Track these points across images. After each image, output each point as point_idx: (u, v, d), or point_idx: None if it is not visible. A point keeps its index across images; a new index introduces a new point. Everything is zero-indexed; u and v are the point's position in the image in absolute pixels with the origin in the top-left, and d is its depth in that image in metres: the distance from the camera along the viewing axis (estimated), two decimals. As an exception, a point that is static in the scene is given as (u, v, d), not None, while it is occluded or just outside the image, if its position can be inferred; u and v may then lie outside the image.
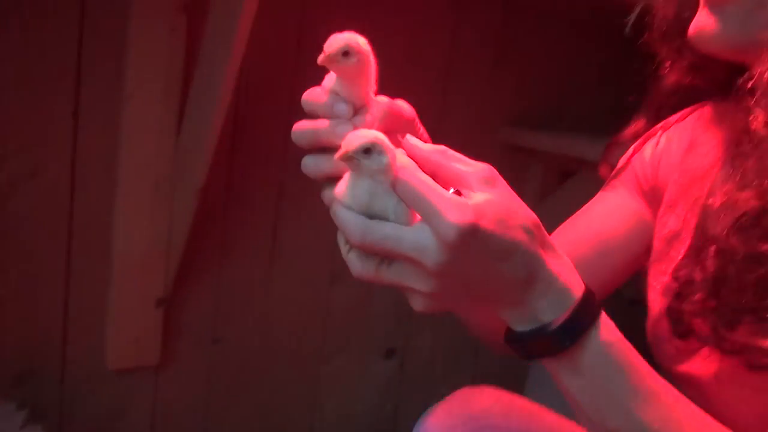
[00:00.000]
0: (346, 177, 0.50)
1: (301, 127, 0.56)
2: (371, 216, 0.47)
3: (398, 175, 0.47)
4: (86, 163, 1.17)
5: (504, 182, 0.49)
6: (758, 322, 0.52)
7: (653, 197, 0.79)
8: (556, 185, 1.62)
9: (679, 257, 0.67)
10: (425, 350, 1.68)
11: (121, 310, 1.23)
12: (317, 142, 0.55)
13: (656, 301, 0.68)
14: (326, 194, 0.56)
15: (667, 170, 0.77)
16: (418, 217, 0.47)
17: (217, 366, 1.39)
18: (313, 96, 0.57)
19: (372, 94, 0.57)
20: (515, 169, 1.59)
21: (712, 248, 0.56)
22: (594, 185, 1.50)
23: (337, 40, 0.54)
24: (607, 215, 0.81)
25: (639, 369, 0.51)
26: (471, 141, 1.60)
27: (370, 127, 0.54)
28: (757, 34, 0.55)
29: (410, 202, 0.47)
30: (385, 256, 0.48)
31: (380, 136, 0.48)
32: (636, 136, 0.83)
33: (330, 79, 0.56)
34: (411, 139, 0.52)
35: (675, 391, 0.53)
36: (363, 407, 1.62)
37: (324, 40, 0.55)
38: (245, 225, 1.36)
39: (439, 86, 1.51)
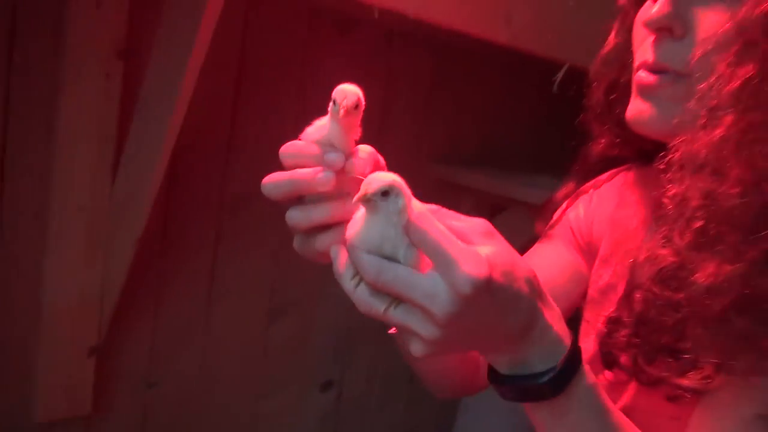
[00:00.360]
0: (358, 218, 0.50)
1: (275, 179, 0.57)
2: (381, 257, 0.48)
3: (415, 222, 0.47)
4: (14, 213, 1.12)
5: (500, 235, 0.50)
6: (673, 360, 0.59)
7: (588, 251, 0.86)
8: (487, 220, 1.68)
9: (612, 307, 0.73)
10: (361, 381, 1.70)
11: (51, 360, 1.19)
12: (296, 193, 0.56)
13: (590, 344, 0.74)
14: (302, 243, 0.58)
15: (601, 227, 0.84)
16: (427, 262, 0.48)
17: (152, 410, 1.37)
18: (299, 148, 0.57)
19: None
20: (447, 204, 1.64)
21: (638, 294, 0.63)
22: (522, 221, 1.58)
23: (350, 94, 0.56)
24: (547, 266, 0.88)
25: (613, 410, 0.57)
26: (405, 177, 1.65)
27: (361, 173, 0.55)
28: (680, 118, 0.61)
29: (425, 250, 0.47)
30: (395, 298, 0.48)
31: (398, 179, 0.49)
32: (567, 197, 0.91)
33: (319, 129, 0.58)
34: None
35: (634, 426, 0.58)
36: (302, 440, 1.63)
37: (261, 84, 0.55)
38: (182, 268, 1.34)
39: (374, 125, 1.54)
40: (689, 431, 0.60)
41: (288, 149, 0.58)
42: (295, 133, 0.59)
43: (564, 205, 0.91)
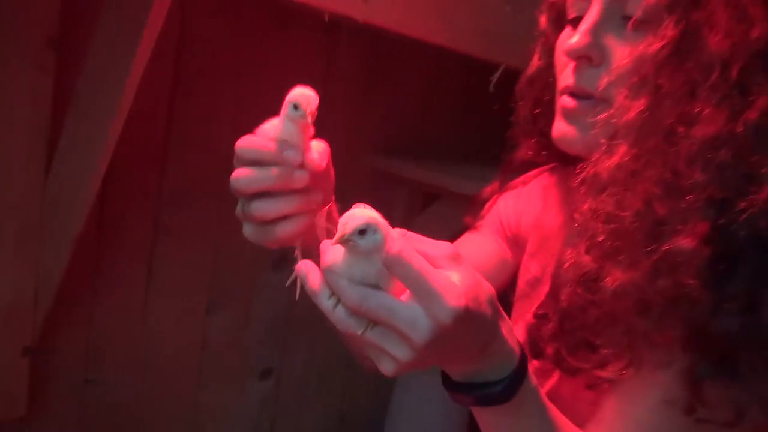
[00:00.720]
0: (335, 248, 0.51)
1: (249, 174, 0.62)
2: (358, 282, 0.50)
3: (398, 256, 0.48)
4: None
5: (463, 258, 0.53)
6: (591, 353, 0.66)
7: (515, 243, 0.93)
8: (421, 209, 1.74)
9: (541, 298, 0.81)
10: (298, 368, 1.73)
11: (-18, 363, 1.15)
12: (269, 188, 0.62)
13: (520, 333, 0.81)
14: (257, 232, 0.64)
15: (528, 223, 0.91)
16: (401, 287, 0.50)
17: (90, 409, 1.34)
18: (256, 144, 0.62)
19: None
20: (382, 193, 1.69)
21: (563, 295, 0.70)
22: (454, 210, 1.64)
23: (313, 99, 0.61)
24: (476, 253, 0.95)
25: (551, 407, 0.61)
26: (342, 167, 1.67)
27: (317, 167, 0.62)
28: (598, 138, 0.67)
29: (407, 282, 0.49)
30: (374, 322, 0.50)
31: (374, 216, 0.50)
32: (494, 193, 0.97)
33: (274, 127, 0.61)
34: None
35: (567, 420, 0.63)
36: (242, 428, 1.64)
37: (199, 76, 0.57)
38: (119, 263, 1.31)
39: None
40: (601, 415, 0.66)
41: (246, 144, 0.63)
42: (233, 125, 0.62)
43: (493, 200, 0.97)
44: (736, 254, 0.58)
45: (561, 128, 0.74)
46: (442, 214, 1.67)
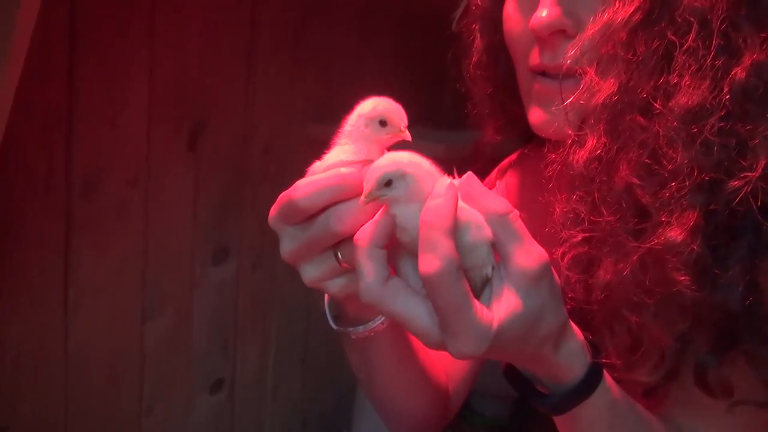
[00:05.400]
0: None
1: (314, 187, 0.49)
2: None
3: (434, 279, 0.42)
4: None
5: (552, 277, 0.47)
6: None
7: None
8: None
9: None
10: (251, 373, 1.54)
11: None
12: (339, 198, 0.49)
13: None
14: (321, 266, 0.52)
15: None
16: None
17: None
18: (333, 180, 0.48)
19: None
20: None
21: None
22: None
23: (401, 112, 0.51)
24: None
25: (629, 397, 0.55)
26: (281, 136, 1.51)
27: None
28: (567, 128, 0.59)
29: (436, 306, 0.43)
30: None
31: (398, 160, 0.44)
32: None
33: (348, 153, 0.50)
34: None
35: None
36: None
37: (101, 37, 0.43)
38: (26, 272, 1.07)
39: (240, 81, 1.37)
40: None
41: (312, 187, 0.48)
42: (150, 89, 0.45)
43: None
44: (729, 239, 0.52)
45: (539, 115, 0.64)
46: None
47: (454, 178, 0.46)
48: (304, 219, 0.49)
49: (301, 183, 0.48)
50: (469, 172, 0.46)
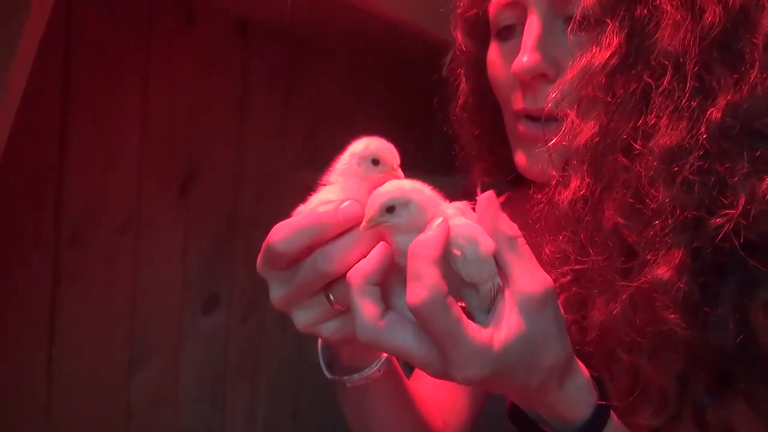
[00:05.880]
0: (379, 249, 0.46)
1: (292, 227, 0.48)
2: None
3: (422, 309, 0.41)
4: None
5: (557, 306, 0.46)
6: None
7: None
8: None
9: None
10: (241, 426, 1.49)
11: None
12: (322, 239, 0.48)
13: None
14: (315, 308, 0.51)
15: None
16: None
17: None
18: (312, 219, 0.48)
19: None
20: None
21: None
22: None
23: (393, 151, 0.52)
24: None
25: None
26: (273, 184, 1.51)
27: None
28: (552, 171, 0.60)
29: (430, 335, 0.43)
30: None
31: (401, 187, 0.44)
32: None
33: (337, 192, 0.50)
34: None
35: None
36: None
37: (95, 84, 0.43)
38: (10, 323, 1.04)
39: (232, 127, 1.37)
40: None
41: (291, 227, 0.48)
42: (141, 138, 0.46)
43: None
44: (717, 277, 0.52)
45: (524, 157, 0.67)
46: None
47: (477, 195, 0.46)
48: (288, 263, 0.48)
49: (278, 226, 0.48)
50: (491, 191, 0.46)
